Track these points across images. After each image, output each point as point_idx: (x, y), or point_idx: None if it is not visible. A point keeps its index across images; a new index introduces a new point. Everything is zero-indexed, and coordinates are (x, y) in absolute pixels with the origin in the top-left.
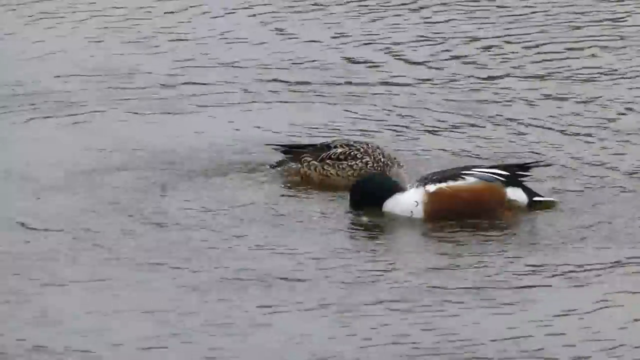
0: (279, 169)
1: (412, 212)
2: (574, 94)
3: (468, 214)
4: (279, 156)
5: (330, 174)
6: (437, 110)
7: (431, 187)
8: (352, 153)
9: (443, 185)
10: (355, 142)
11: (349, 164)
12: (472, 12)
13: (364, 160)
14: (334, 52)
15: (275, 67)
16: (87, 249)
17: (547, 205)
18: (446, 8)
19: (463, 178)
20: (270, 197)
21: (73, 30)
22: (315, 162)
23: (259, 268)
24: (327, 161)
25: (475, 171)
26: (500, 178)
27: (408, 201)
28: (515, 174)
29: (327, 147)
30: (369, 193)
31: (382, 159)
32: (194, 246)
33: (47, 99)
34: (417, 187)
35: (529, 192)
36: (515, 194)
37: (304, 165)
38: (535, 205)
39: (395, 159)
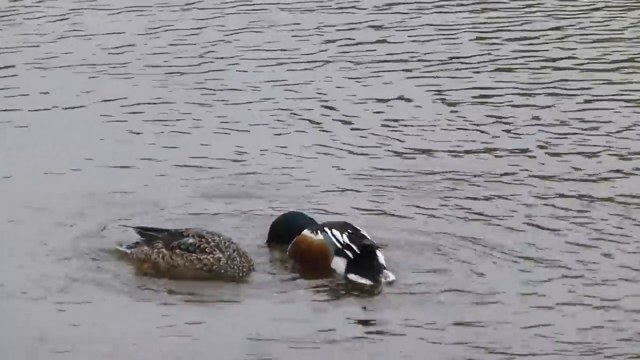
0: (132, 250)
1: (288, 250)
2: None
3: (303, 263)
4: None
5: (178, 264)
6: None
7: (303, 232)
8: (202, 246)
9: (305, 232)
10: (207, 233)
11: (199, 257)
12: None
13: (215, 256)
14: None
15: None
16: None
17: (359, 287)
18: None
19: (317, 232)
20: None
21: None
22: (164, 250)
23: None
24: (177, 251)
25: (331, 230)
26: (338, 245)
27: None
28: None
29: (180, 234)
30: (280, 231)
31: (235, 258)
32: None
33: None
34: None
35: (357, 269)
36: (337, 265)
37: (154, 251)
38: (349, 281)
39: (245, 253)
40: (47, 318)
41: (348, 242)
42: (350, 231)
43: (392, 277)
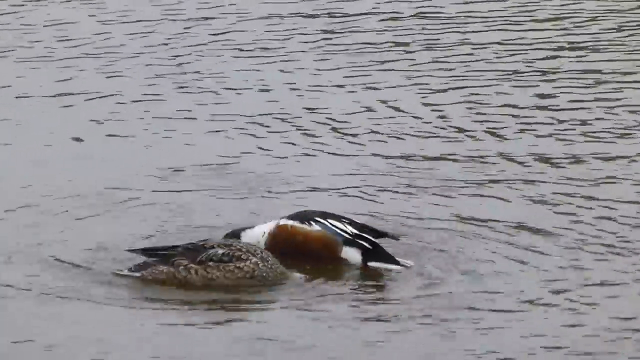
0: (143, 272)
1: (259, 242)
2: None
3: (300, 256)
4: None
5: (216, 276)
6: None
7: (281, 222)
8: (235, 254)
9: (289, 223)
10: (231, 241)
11: (237, 265)
12: None
13: (252, 261)
14: None
15: None
16: None
17: (380, 273)
18: None
19: (311, 223)
20: None
21: None
22: (194, 265)
23: None
24: (209, 263)
25: (327, 221)
26: (346, 235)
27: (258, 232)
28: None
29: (202, 247)
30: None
31: (268, 258)
32: None
33: None
34: (275, 220)
35: (375, 257)
36: (348, 255)
37: (180, 269)
38: (369, 268)
39: (270, 253)
40: (44, 319)
41: (358, 232)
42: (346, 220)
43: (410, 262)
